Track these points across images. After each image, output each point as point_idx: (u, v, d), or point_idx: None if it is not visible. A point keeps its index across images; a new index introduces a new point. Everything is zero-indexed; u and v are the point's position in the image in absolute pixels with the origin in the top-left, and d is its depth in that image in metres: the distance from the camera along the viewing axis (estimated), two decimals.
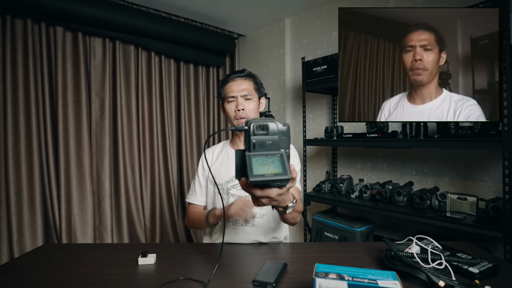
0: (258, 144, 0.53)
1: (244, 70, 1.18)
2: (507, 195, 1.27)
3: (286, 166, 0.51)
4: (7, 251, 1.98)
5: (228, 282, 0.75)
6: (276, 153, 0.53)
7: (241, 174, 0.58)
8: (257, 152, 0.53)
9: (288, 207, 0.73)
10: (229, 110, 1.14)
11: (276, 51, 2.83)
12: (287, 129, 0.55)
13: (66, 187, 2.18)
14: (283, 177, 0.49)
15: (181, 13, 2.66)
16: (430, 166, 1.88)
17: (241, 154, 0.57)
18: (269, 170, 0.50)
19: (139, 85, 2.53)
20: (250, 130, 0.54)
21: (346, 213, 2.26)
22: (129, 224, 2.47)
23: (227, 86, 1.15)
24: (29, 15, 2.02)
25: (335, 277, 0.51)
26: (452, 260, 0.75)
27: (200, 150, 2.97)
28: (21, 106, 2.02)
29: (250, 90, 1.14)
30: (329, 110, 2.46)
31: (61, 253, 0.97)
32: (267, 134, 0.54)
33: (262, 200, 0.60)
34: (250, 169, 0.50)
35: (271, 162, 0.51)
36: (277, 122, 0.55)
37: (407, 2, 1.97)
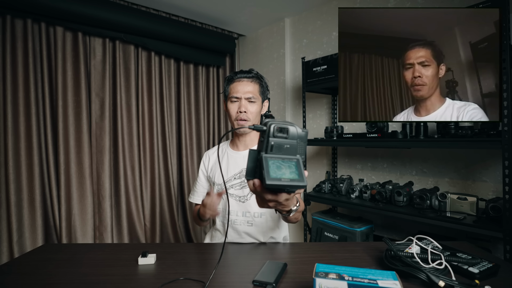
0: (276, 146, 0.52)
1: (252, 71, 1.16)
2: (507, 195, 1.27)
3: (303, 174, 0.50)
4: (7, 251, 1.98)
5: (228, 282, 0.75)
6: (293, 158, 0.52)
7: (253, 175, 0.56)
8: (274, 155, 0.51)
9: (291, 211, 0.73)
10: (231, 110, 1.14)
11: (276, 51, 2.83)
12: (305, 134, 0.54)
13: (66, 187, 2.18)
14: (299, 183, 0.48)
15: (181, 13, 2.66)
16: (430, 166, 1.88)
17: (256, 154, 0.55)
18: (286, 175, 0.49)
19: (139, 85, 2.53)
20: (270, 131, 0.52)
21: (346, 213, 2.26)
22: (129, 224, 2.47)
23: (232, 85, 1.14)
24: (29, 15, 2.02)
25: (335, 277, 0.51)
26: (452, 260, 0.75)
27: (200, 150, 2.97)
28: (21, 106, 2.02)
29: (255, 93, 1.13)
30: (329, 110, 2.46)
31: (61, 253, 0.97)
32: (287, 138, 0.52)
33: (269, 204, 0.59)
34: (267, 171, 0.48)
35: (287, 167, 0.50)
36: (297, 127, 0.53)
37: (407, 2, 1.97)
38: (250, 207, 1.11)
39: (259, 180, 0.54)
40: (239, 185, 1.13)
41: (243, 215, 1.12)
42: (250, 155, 0.56)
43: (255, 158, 0.55)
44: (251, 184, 0.57)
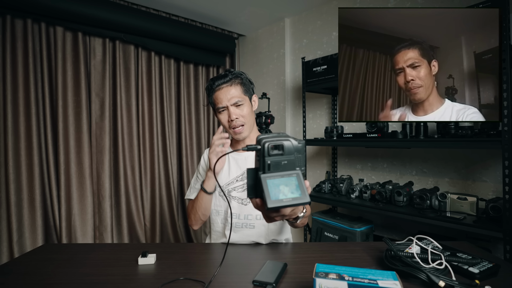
0: (273, 165, 0.50)
1: (227, 74, 1.09)
2: (507, 195, 1.27)
3: (304, 189, 0.49)
4: (7, 251, 1.98)
5: (228, 282, 0.75)
6: (293, 173, 0.50)
7: (254, 194, 0.55)
8: (272, 174, 0.50)
9: (298, 218, 0.74)
10: (222, 121, 1.10)
11: (276, 51, 2.83)
12: (302, 146, 0.52)
13: (66, 187, 2.18)
14: (301, 201, 0.47)
15: (181, 13, 2.66)
16: (430, 166, 1.88)
17: (254, 173, 0.54)
18: (287, 195, 0.48)
19: (139, 85, 2.53)
20: (265, 150, 0.50)
21: (346, 213, 2.26)
22: (129, 224, 2.47)
23: (214, 95, 1.09)
24: (29, 15, 2.02)
25: (335, 277, 0.51)
26: (452, 260, 0.75)
27: (200, 150, 2.97)
28: (21, 106, 2.02)
29: (239, 96, 1.08)
30: (329, 110, 2.46)
31: (61, 253, 0.97)
32: (283, 154, 0.51)
33: (275, 218, 0.58)
34: (267, 194, 0.47)
35: (288, 184, 0.49)
36: (291, 139, 0.52)
37: (407, 2, 1.97)
38: (252, 209, 1.09)
39: (261, 200, 0.53)
40: (241, 188, 1.11)
41: (245, 217, 1.10)
42: (248, 174, 0.55)
43: (254, 176, 0.54)
44: (254, 203, 0.56)
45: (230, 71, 1.11)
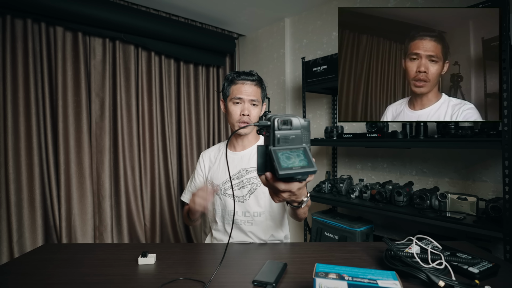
0: (282, 138, 0.54)
1: (254, 74, 1.15)
2: (507, 195, 1.27)
3: (311, 160, 0.52)
4: (7, 251, 1.98)
5: (228, 282, 0.75)
6: (300, 147, 0.54)
7: (264, 169, 0.58)
8: (282, 147, 0.54)
9: (303, 202, 0.76)
10: (233, 112, 1.13)
11: (276, 51, 2.83)
12: (307, 123, 0.57)
13: (66, 187, 2.18)
14: (309, 169, 0.51)
15: (181, 13, 2.66)
16: (430, 166, 1.88)
17: (264, 149, 0.58)
18: (296, 164, 0.51)
19: (139, 85, 2.53)
20: (275, 125, 0.54)
21: (346, 213, 2.26)
22: (129, 224, 2.47)
23: (235, 86, 1.13)
24: (29, 15, 2.01)
25: (335, 277, 0.51)
26: (452, 260, 0.75)
27: (200, 150, 2.97)
28: (21, 106, 2.02)
29: (258, 97, 1.14)
30: (329, 110, 2.46)
31: (61, 253, 0.97)
32: (291, 129, 0.55)
33: (283, 195, 0.60)
34: (278, 163, 0.50)
35: (296, 156, 0.52)
36: (299, 117, 0.56)
37: (407, 2, 1.97)
38: (249, 206, 1.13)
39: (271, 172, 0.56)
40: (238, 186, 1.15)
41: (243, 214, 1.13)
42: (258, 151, 0.58)
43: (264, 153, 0.58)
44: (263, 178, 0.58)
45: (254, 72, 1.17)
